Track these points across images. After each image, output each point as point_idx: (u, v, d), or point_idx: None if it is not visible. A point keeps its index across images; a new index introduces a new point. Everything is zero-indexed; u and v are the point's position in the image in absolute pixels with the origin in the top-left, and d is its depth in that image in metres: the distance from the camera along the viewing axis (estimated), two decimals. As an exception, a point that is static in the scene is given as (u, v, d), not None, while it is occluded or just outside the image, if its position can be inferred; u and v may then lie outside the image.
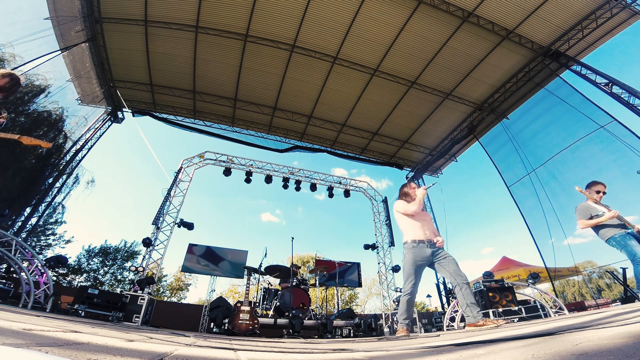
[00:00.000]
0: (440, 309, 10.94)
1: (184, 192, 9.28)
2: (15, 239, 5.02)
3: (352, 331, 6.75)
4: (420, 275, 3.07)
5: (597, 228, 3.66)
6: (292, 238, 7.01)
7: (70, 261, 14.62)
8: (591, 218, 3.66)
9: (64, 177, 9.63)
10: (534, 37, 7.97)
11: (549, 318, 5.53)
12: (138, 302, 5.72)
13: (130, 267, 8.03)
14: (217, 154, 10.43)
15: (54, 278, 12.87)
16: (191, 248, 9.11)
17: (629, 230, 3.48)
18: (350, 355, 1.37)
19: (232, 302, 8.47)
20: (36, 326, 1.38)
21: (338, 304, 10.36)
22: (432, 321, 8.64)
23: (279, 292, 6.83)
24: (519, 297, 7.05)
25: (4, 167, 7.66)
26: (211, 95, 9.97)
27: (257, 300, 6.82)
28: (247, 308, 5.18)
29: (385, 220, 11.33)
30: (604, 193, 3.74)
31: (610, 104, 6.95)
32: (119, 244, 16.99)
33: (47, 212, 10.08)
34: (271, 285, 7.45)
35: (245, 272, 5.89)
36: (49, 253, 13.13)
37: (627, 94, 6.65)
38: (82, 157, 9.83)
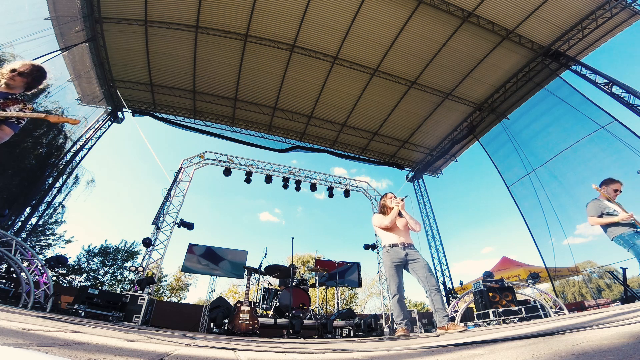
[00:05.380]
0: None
1: (184, 192, 9.29)
2: (15, 239, 5.03)
3: (352, 331, 6.74)
4: (401, 275, 3.23)
5: (606, 225, 3.66)
6: (292, 238, 7.00)
7: (70, 261, 14.61)
8: (601, 215, 3.66)
9: (64, 177, 9.64)
10: (534, 37, 7.97)
11: (549, 318, 5.53)
12: (138, 302, 5.72)
13: (130, 267, 8.04)
14: (217, 154, 10.44)
15: (54, 278, 12.87)
16: (191, 248, 9.11)
17: (638, 229, 3.46)
18: (350, 355, 1.37)
19: (232, 302, 8.47)
20: (36, 326, 1.38)
21: (338, 304, 10.36)
22: (432, 321, 8.64)
23: (279, 292, 6.83)
24: (519, 297, 7.06)
25: (4, 167, 7.65)
26: (211, 95, 9.97)
27: (257, 300, 6.82)
28: (247, 308, 5.18)
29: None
30: (620, 191, 3.75)
31: (610, 104, 6.96)
32: (119, 244, 16.99)
33: (47, 212, 10.08)
34: (271, 285, 7.45)
35: (245, 272, 5.89)
36: (49, 253, 13.12)
37: (627, 94, 6.65)
38: (82, 157, 9.83)
